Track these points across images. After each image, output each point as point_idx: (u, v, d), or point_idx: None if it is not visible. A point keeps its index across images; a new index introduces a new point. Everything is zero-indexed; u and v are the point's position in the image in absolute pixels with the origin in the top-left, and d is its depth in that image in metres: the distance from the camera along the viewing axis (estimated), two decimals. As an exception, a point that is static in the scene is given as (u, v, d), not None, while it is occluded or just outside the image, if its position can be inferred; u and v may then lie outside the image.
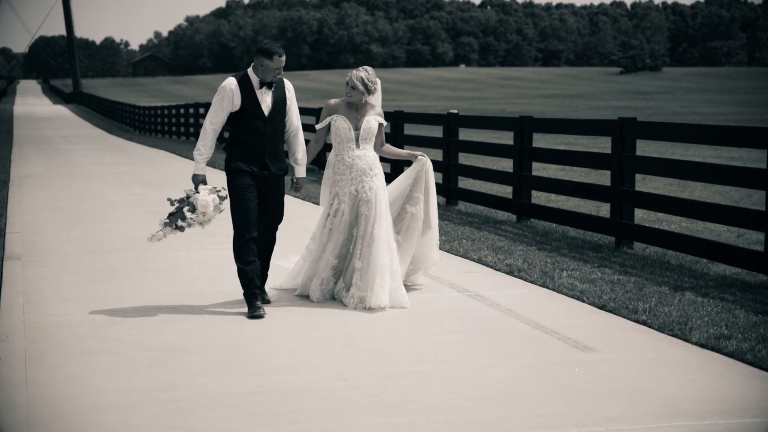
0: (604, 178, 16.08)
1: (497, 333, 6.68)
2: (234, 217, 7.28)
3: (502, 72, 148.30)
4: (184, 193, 7.25)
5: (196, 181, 7.31)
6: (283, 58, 7.21)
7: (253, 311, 7.15)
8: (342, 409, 5.09)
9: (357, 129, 7.68)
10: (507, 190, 15.10)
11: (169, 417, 4.98)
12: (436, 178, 13.28)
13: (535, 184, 12.01)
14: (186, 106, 35.73)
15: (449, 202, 13.88)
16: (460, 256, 9.71)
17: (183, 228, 7.13)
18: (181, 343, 6.41)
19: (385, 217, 7.62)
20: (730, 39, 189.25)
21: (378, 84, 7.76)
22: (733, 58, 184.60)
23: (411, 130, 22.77)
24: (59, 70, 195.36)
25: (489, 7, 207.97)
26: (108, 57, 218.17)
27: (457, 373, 5.71)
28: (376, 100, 7.79)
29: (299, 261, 8.04)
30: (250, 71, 7.29)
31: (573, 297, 7.80)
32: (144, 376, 5.70)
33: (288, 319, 7.11)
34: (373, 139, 7.76)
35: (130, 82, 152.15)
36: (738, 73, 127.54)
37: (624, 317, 7.11)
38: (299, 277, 7.92)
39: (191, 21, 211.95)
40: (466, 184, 15.79)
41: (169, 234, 7.15)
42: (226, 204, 7.33)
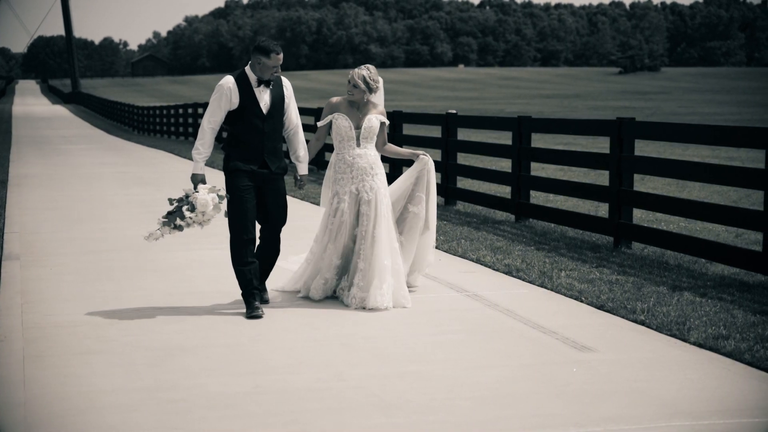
0: (603, 178, 16.08)
1: (496, 333, 6.68)
2: (232, 219, 7.24)
3: (501, 72, 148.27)
4: (183, 193, 7.23)
5: (195, 181, 7.28)
6: (281, 56, 7.18)
7: (252, 311, 7.15)
8: (341, 409, 5.10)
9: (358, 128, 7.65)
10: (505, 190, 15.10)
11: (168, 417, 4.98)
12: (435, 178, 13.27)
13: (534, 184, 12.01)
14: (185, 106, 35.72)
15: (448, 202, 13.88)
16: (459, 256, 9.71)
17: (182, 227, 7.10)
18: (180, 343, 6.41)
19: (387, 217, 7.59)
20: (728, 39, 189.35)
21: (380, 82, 7.72)
22: (732, 58, 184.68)
23: (409, 130, 22.76)
24: (58, 70, 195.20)
25: (488, 7, 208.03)
26: (107, 57, 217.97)
27: (456, 373, 5.72)
28: (379, 98, 7.76)
29: (303, 264, 7.97)
30: (248, 69, 7.25)
31: (571, 297, 7.80)
32: (143, 376, 5.70)
33: (287, 320, 7.11)
34: (375, 138, 7.73)
35: (128, 82, 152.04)
36: (737, 73, 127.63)
37: (622, 317, 7.11)
38: (302, 280, 7.88)
39: (190, 21, 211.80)
40: (464, 184, 15.79)
41: (167, 233, 7.13)
42: (225, 204, 7.31)
